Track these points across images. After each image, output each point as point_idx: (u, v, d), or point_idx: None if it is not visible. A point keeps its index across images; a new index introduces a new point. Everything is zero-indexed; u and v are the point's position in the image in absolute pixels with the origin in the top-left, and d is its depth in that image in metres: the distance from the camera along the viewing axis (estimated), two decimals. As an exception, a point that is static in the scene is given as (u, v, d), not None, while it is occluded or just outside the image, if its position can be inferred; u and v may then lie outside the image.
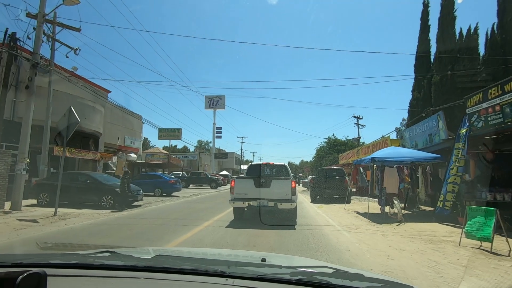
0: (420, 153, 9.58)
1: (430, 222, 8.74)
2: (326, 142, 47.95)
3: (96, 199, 11.43)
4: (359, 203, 15.56)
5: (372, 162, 9.61)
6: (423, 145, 11.92)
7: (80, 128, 18.70)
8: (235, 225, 7.82)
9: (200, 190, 24.71)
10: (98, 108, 20.29)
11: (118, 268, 1.25)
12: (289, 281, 1.12)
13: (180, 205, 13.34)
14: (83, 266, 1.27)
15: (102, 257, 1.53)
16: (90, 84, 21.56)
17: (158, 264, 1.33)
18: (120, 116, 27.19)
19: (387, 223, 8.59)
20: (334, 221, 8.94)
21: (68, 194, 11.65)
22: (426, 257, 5.03)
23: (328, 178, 15.95)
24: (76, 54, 16.44)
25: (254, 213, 9.34)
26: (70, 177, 12.31)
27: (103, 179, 12.06)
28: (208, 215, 9.86)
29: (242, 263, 1.59)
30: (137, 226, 7.95)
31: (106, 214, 10.00)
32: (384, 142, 18.32)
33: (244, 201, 7.97)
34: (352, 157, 26.67)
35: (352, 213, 11.22)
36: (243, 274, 1.18)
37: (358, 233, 7.08)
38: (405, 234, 7.11)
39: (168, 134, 31.34)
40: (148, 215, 9.92)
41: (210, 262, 1.55)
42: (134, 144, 29.45)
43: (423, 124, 12.20)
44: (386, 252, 5.35)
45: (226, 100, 42.09)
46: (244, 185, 8.20)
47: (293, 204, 7.83)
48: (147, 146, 54.90)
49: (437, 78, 14.62)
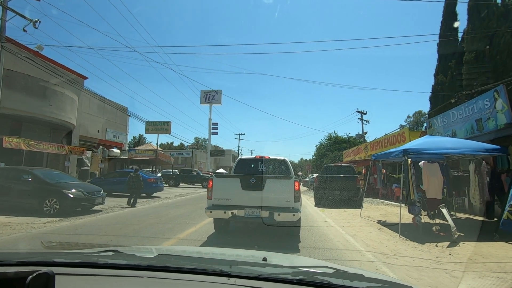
0: (476, 143, 6.86)
1: (492, 240, 6.07)
2: (327, 139, 45.47)
3: (37, 203, 8.70)
4: (372, 206, 12.93)
5: (405, 155, 6.90)
6: (465, 134, 9.21)
7: (44, 117, 16.08)
8: (211, 246, 5.16)
9: (189, 190, 21.98)
10: (69, 95, 17.48)
11: (122, 267, 1.28)
12: (290, 281, 1.14)
13: (151, 210, 10.62)
14: (87, 265, 1.30)
15: (106, 256, 1.55)
16: (62, 67, 18.76)
17: (161, 263, 1.35)
18: (101, 107, 24.43)
19: (431, 242, 5.94)
20: (355, 239, 6.23)
21: (3, 196, 8.94)
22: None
23: (336, 177, 13.27)
24: (35, 27, 13.78)
25: (241, 226, 7.04)
26: (9, 174, 9.57)
27: (49, 178, 9.31)
28: (177, 228, 7.16)
29: (244, 262, 1.61)
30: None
31: (40, 224, 7.31)
32: (401, 135, 15.62)
33: (227, 210, 5.50)
34: (359, 153, 24.01)
35: (372, 222, 8.55)
36: (245, 273, 1.20)
37: (403, 267, 4.38)
38: (478, 266, 4.45)
39: (156, 127, 28.55)
40: (90, 228, 7.20)
41: (212, 261, 1.57)
42: (117, 138, 26.70)
43: (467, 106, 9.43)
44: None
45: (224, 92, 39.24)
46: (228, 187, 5.80)
47: (296, 215, 5.38)
48: (143, 144, 52.26)
49: (471, 56, 11.90)
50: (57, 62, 18.43)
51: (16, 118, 15.43)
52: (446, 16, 14.86)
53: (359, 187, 12.79)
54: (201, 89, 41.72)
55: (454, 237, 5.85)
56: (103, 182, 14.81)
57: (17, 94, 13.96)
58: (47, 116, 15.64)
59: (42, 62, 15.32)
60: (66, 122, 17.18)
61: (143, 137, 63.45)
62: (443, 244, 5.81)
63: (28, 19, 13.44)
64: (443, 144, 7.06)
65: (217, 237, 6.14)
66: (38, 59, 15.35)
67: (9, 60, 13.30)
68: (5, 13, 12.96)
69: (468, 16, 13.15)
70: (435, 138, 7.78)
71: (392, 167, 18.09)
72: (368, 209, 11.87)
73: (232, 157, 64.83)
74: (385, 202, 14.70)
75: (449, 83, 13.60)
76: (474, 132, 8.94)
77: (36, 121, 16.16)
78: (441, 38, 14.58)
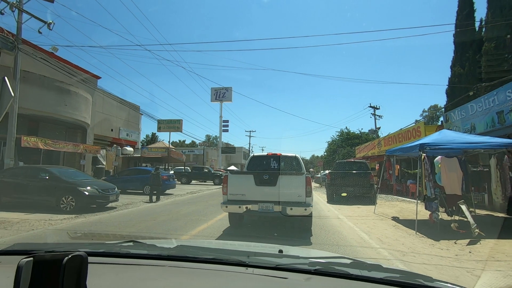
0: (496, 138, 6.51)
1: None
2: (339, 135, 44.90)
3: (53, 200, 8.93)
4: (386, 203, 12.66)
5: (421, 150, 6.65)
6: (485, 128, 8.82)
7: (60, 117, 16.49)
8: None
9: (200, 187, 22.15)
10: (84, 94, 17.85)
11: (143, 257, 1.32)
12: (307, 271, 1.14)
13: (164, 207, 10.72)
14: (110, 254, 1.33)
15: (128, 246, 1.57)
16: (76, 68, 19.16)
17: (180, 253, 1.39)
18: (114, 106, 24.87)
19: (449, 239, 5.72)
20: (370, 236, 6.09)
21: (22, 194, 9.24)
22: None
23: (348, 173, 13.04)
24: (50, 29, 14.07)
25: (255, 221, 7.43)
26: (27, 172, 9.87)
27: (65, 176, 9.53)
28: (189, 225, 7.19)
29: (261, 253, 1.60)
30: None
31: (57, 221, 7.50)
32: (416, 130, 15.17)
33: (241, 205, 5.86)
34: (372, 149, 23.54)
35: (386, 219, 8.34)
36: (263, 263, 1.22)
37: (421, 265, 4.22)
38: (502, 265, 4.25)
39: (168, 125, 28.83)
40: (104, 225, 7.31)
41: (230, 252, 1.59)
42: (130, 136, 27.18)
43: (487, 98, 9.01)
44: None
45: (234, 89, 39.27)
46: (242, 183, 6.13)
47: (307, 209, 5.68)
48: (156, 142, 53.02)
49: (491, 45, 11.38)
50: (71, 63, 18.84)
51: (33, 118, 15.89)
52: (462, 4, 14.27)
53: (372, 183, 12.53)
54: (212, 86, 41.97)
55: (474, 235, 5.62)
56: (117, 179, 15.10)
57: (33, 94, 14.35)
58: (63, 116, 16.03)
59: (56, 63, 15.67)
60: (80, 121, 17.57)
61: (156, 135, 64.42)
62: (462, 241, 5.59)
63: (43, 21, 13.70)
64: (461, 138, 6.78)
65: (230, 234, 6.13)
66: (53, 60, 15.69)
67: (25, 61, 13.66)
68: (21, 15, 13.26)
69: (488, 3, 12.58)
70: (451, 133, 7.44)
71: (406, 163, 17.64)
72: (382, 205, 11.62)
73: (243, 154, 64.93)
74: (399, 199, 14.37)
75: (467, 74, 13.07)
76: (495, 125, 8.54)
77: (52, 120, 16.61)
78: (457, 28, 14.01)
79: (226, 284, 1.10)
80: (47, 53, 15.73)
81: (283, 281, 1.09)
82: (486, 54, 11.74)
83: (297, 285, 1.09)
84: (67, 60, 18.47)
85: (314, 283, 1.09)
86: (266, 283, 1.08)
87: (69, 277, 0.69)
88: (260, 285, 1.09)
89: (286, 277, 1.10)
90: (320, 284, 1.09)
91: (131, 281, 1.10)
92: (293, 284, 1.09)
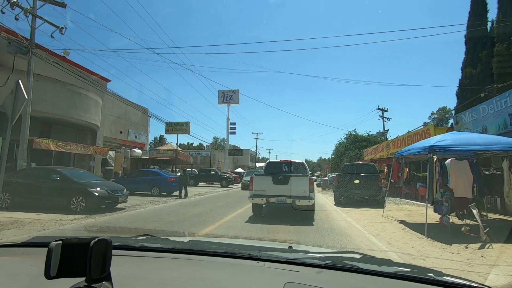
0: (508, 139, 6.36)
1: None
2: (346, 138, 44.50)
3: (64, 201, 9.10)
4: (395, 206, 12.48)
5: (431, 152, 6.55)
6: (497, 130, 8.64)
7: (71, 119, 16.83)
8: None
9: (207, 189, 22.24)
10: (94, 97, 18.19)
11: (157, 250, 1.37)
12: (318, 265, 1.16)
13: (171, 208, 10.81)
14: (125, 247, 1.36)
15: (142, 240, 1.63)
16: (87, 71, 19.54)
17: (193, 247, 1.44)
18: (123, 109, 25.24)
19: (460, 243, 5.61)
20: (379, 240, 6.01)
21: (34, 194, 9.44)
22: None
23: (356, 176, 12.91)
24: (62, 33, 14.41)
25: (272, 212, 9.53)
26: (39, 173, 10.09)
27: (76, 177, 9.70)
28: (196, 226, 7.23)
29: (272, 248, 1.68)
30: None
31: (67, 221, 7.63)
32: (426, 132, 14.94)
33: (263, 198, 8.05)
34: (381, 152, 23.27)
35: (395, 223, 8.23)
36: (274, 257, 1.24)
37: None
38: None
39: (175, 128, 29.10)
40: (113, 225, 7.42)
41: (242, 247, 1.62)
42: (139, 139, 27.50)
43: (499, 100, 8.83)
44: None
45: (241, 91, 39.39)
46: (263, 182, 8.24)
47: (311, 201, 7.90)
48: (164, 144, 53.59)
49: (503, 46, 11.17)
50: (82, 66, 19.21)
51: (45, 121, 16.25)
52: (474, 5, 14.06)
53: (381, 186, 12.37)
54: (219, 89, 42.18)
55: (485, 239, 5.49)
56: (126, 181, 15.30)
57: (46, 97, 14.69)
58: (74, 118, 16.35)
59: (68, 67, 16.02)
60: (91, 124, 17.88)
61: (164, 138, 65.06)
62: (473, 245, 5.47)
63: (55, 26, 14.05)
64: (472, 140, 6.65)
65: (237, 236, 6.14)
66: (65, 64, 16.06)
67: (38, 65, 14.01)
68: (35, 20, 13.62)
69: (498, 3, 12.37)
70: (461, 134, 7.32)
71: (416, 166, 17.35)
72: (391, 208, 11.46)
73: (250, 156, 64.95)
74: (408, 202, 14.14)
75: (479, 75, 12.85)
76: (507, 127, 8.35)
77: (63, 123, 16.95)
78: (469, 28, 13.80)
79: (238, 275, 1.12)
80: (59, 57, 16.12)
81: (294, 273, 1.10)
82: (498, 55, 11.53)
83: (308, 278, 1.09)
84: (78, 64, 18.84)
85: (325, 277, 1.10)
86: (277, 275, 1.09)
87: (95, 259, 0.73)
88: (271, 277, 1.09)
89: (298, 271, 1.12)
90: (330, 278, 1.10)
91: (147, 271, 1.14)
92: (304, 277, 1.09)
